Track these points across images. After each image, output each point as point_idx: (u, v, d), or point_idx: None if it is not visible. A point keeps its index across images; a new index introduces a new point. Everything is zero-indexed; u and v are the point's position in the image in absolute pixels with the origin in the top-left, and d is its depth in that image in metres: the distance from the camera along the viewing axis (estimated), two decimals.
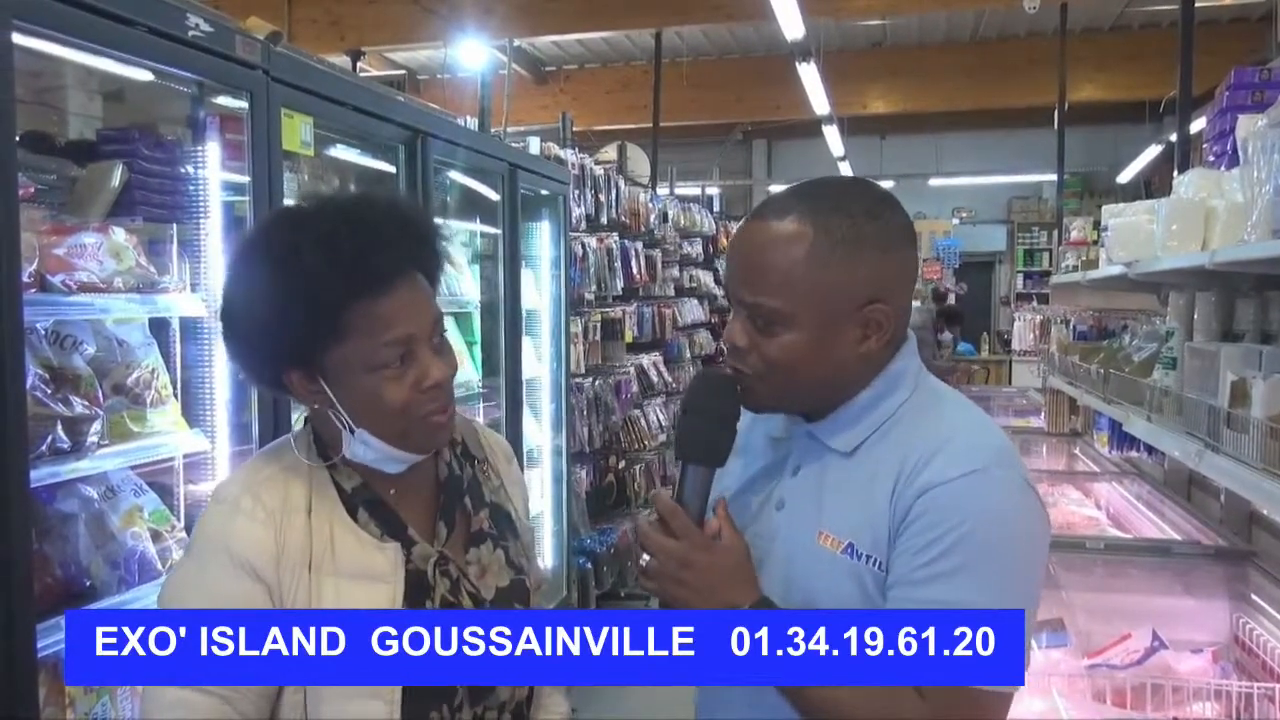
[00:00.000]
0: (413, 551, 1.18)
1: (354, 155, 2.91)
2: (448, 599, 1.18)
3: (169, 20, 1.84)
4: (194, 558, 1.15)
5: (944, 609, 1.02)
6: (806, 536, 1.15)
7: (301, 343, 1.11)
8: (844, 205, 1.13)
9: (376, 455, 1.17)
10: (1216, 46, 6.85)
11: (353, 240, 1.10)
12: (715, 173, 13.46)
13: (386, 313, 1.11)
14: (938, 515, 1.06)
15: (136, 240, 1.93)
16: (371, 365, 1.12)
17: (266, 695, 1.11)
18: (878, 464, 1.13)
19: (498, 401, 3.62)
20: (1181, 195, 2.41)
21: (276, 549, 1.12)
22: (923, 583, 1.06)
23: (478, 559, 1.24)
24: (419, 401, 1.14)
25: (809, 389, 1.16)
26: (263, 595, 1.11)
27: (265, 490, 1.15)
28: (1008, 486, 1.10)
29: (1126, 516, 3.18)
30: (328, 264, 1.08)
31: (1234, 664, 2.18)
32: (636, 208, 5.73)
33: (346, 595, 1.12)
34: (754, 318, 1.13)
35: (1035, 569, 1.12)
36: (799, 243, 1.10)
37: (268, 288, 1.10)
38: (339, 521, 1.16)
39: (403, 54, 9.74)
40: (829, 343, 1.12)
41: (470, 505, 1.28)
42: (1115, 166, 11.70)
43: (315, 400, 1.17)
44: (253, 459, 1.26)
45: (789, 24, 6.01)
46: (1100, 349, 3.59)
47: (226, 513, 1.14)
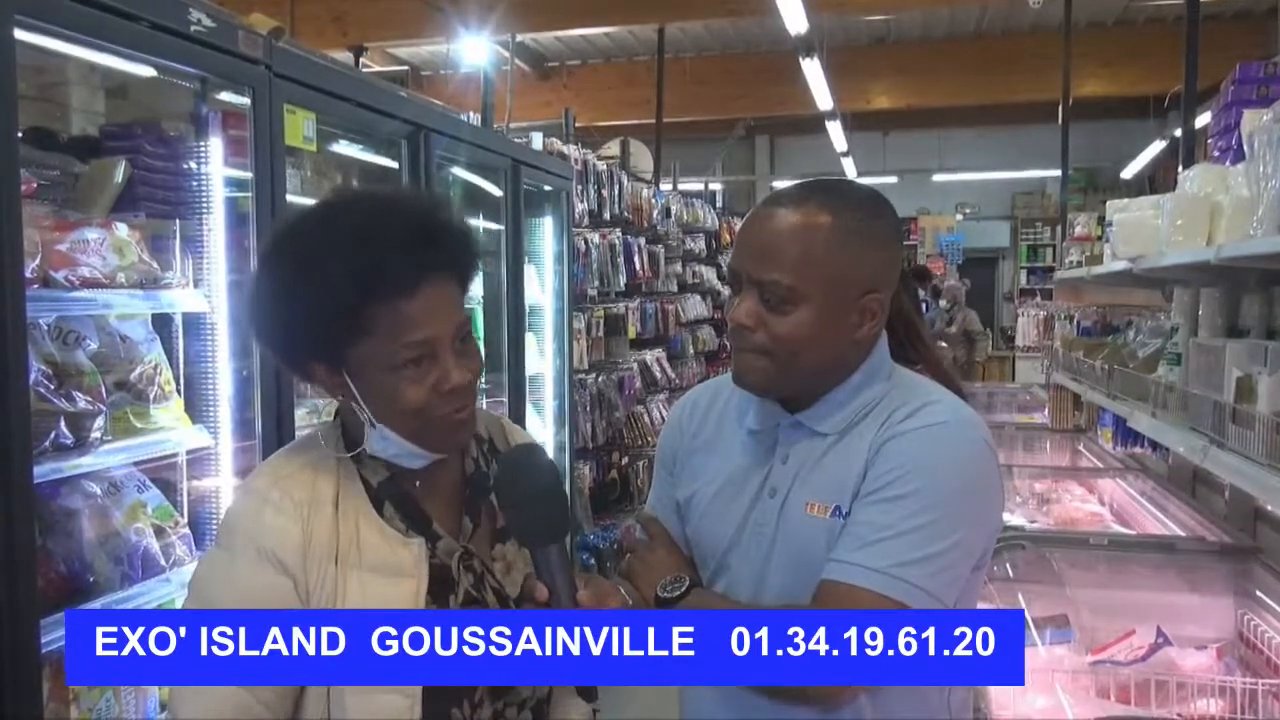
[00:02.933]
0: (437, 546, 1.19)
1: (357, 151, 2.91)
2: (471, 594, 1.19)
3: (172, 15, 1.84)
4: (223, 549, 1.16)
5: (873, 530, 1.11)
6: (799, 512, 1.20)
7: (325, 337, 1.12)
8: (855, 202, 1.22)
9: (397, 450, 1.18)
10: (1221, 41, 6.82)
11: (382, 239, 1.10)
12: (718, 168, 13.44)
13: (409, 314, 1.11)
14: (892, 459, 1.16)
15: (139, 236, 1.93)
16: (391, 365, 1.12)
17: (291, 694, 1.12)
18: (860, 438, 1.21)
19: (501, 397, 3.62)
20: (1186, 190, 2.40)
21: (303, 542, 1.12)
22: (862, 509, 1.15)
23: (503, 555, 1.25)
24: (437, 403, 1.14)
25: (807, 370, 1.21)
26: (288, 588, 1.11)
27: (293, 483, 1.16)
28: (961, 439, 1.18)
29: (1130, 513, 3.18)
30: (354, 261, 1.09)
31: (1238, 661, 2.17)
32: (639, 203, 5.72)
33: (371, 589, 1.13)
34: (766, 296, 1.18)
35: (974, 513, 1.17)
36: (817, 228, 1.18)
37: (295, 280, 1.11)
38: (365, 515, 1.17)
39: (405, 50, 9.73)
40: (832, 326, 1.19)
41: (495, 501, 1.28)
42: (1119, 162, 11.67)
43: (338, 393, 1.18)
44: (281, 451, 1.26)
45: (792, 19, 5.99)
46: (1104, 345, 3.58)
47: (255, 505, 1.15)
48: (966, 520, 1.15)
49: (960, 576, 1.15)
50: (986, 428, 1.23)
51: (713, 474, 1.30)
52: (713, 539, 1.28)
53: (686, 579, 1.24)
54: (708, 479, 1.30)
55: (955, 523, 1.13)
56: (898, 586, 1.09)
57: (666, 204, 6.43)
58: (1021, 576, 2.42)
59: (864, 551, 1.11)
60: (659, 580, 1.24)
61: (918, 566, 1.10)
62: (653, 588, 1.24)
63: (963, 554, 1.14)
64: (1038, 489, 3.45)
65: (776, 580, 1.21)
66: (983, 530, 1.19)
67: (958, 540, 1.13)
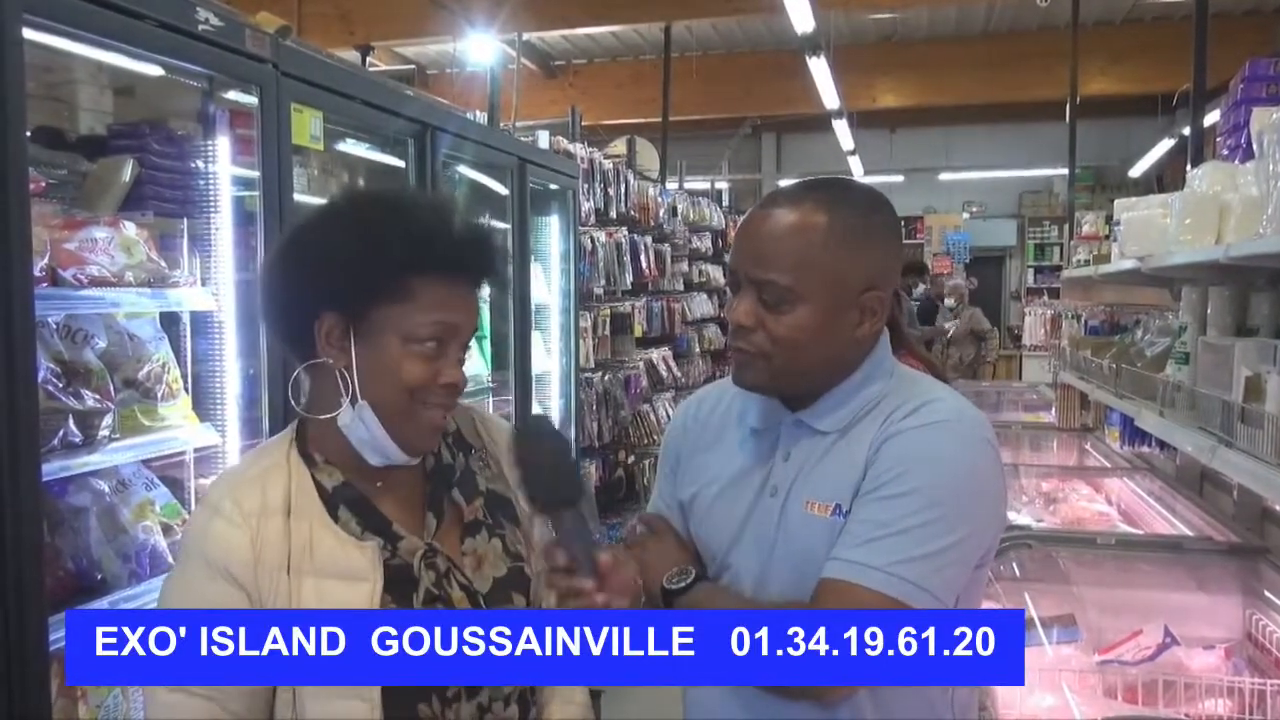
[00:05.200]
0: (399, 546, 1.18)
1: (363, 150, 2.91)
2: (433, 592, 1.17)
3: (179, 14, 1.84)
4: (179, 561, 1.18)
5: (874, 528, 1.11)
6: (799, 511, 1.20)
7: (362, 285, 1.13)
8: (853, 200, 1.22)
9: (364, 435, 1.16)
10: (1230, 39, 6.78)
11: (455, 227, 1.16)
12: (724, 167, 13.43)
13: (447, 298, 1.15)
14: (893, 456, 1.16)
15: (147, 235, 1.93)
16: (410, 336, 1.14)
17: (260, 695, 1.12)
18: (861, 436, 1.20)
19: (507, 396, 3.63)
20: (1195, 189, 2.39)
21: (253, 553, 1.12)
22: (863, 507, 1.15)
23: (473, 549, 1.23)
24: (429, 392, 1.16)
25: (807, 369, 1.21)
26: (240, 599, 1.11)
27: (244, 493, 1.15)
28: (963, 437, 1.18)
29: (1138, 512, 3.17)
30: (432, 232, 1.14)
31: (1247, 661, 2.16)
32: (645, 202, 5.72)
33: (327, 594, 1.12)
34: (764, 296, 1.19)
35: (976, 511, 1.16)
36: (814, 228, 1.18)
37: (372, 221, 1.14)
38: (318, 521, 1.16)
39: (412, 49, 9.74)
40: (831, 324, 1.19)
41: (461, 495, 1.26)
42: (1127, 160, 11.62)
43: (332, 354, 1.16)
44: (241, 460, 1.26)
45: (799, 17, 5.98)
46: (1112, 344, 3.57)
47: (206, 518, 1.15)
48: (968, 518, 1.14)
49: (961, 575, 1.14)
50: (989, 426, 1.22)
51: (715, 473, 1.30)
52: (715, 538, 1.28)
53: (693, 570, 1.24)
54: (710, 478, 1.29)
55: (956, 521, 1.12)
56: (897, 585, 1.09)
57: (673, 202, 6.42)
58: (1028, 576, 2.41)
59: (863, 549, 1.11)
60: (664, 572, 1.24)
61: (917, 565, 1.10)
62: (658, 579, 1.24)
63: (964, 552, 1.13)
64: (1045, 488, 3.44)
65: (778, 579, 1.21)
66: (985, 529, 1.19)
67: (959, 539, 1.12)
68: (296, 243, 1.18)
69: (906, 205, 13.21)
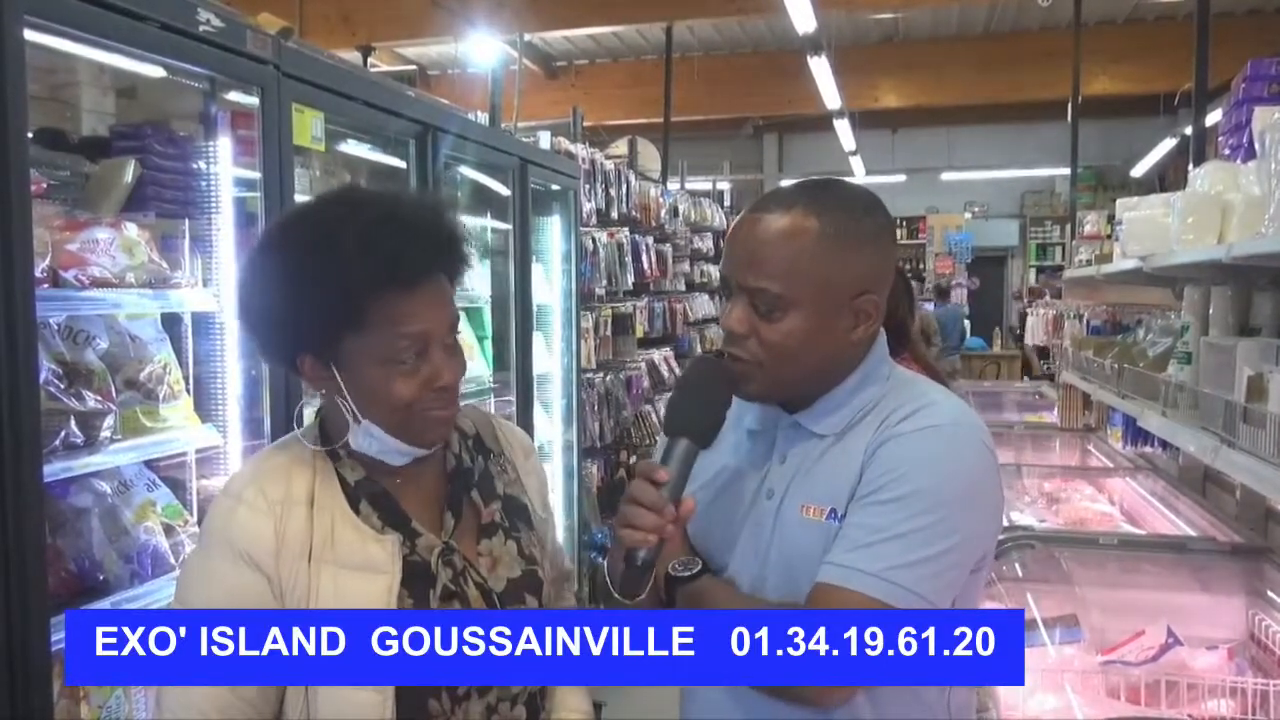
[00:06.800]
0: (417, 543, 1.20)
1: (365, 150, 2.91)
2: (450, 589, 1.19)
3: (180, 16, 1.84)
4: (201, 548, 1.19)
5: (868, 532, 1.10)
6: (795, 515, 1.19)
7: (322, 327, 1.13)
8: (843, 203, 1.20)
9: (381, 447, 1.19)
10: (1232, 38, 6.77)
11: (388, 234, 1.12)
12: (726, 167, 13.43)
13: (408, 309, 1.14)
14: (889, 461, 1.14)
15: (149, 236, 1.93)
16: (385, 358, 1.14)
17: (274, 693, 1.14)
18: (858, 439, 1.19)
19: (509, 396, 3.62)
20: (1197, 188, 2.39)
21: (276, 540, 1.14)
22: (858, 511, 1.14)
23: (489, 551, 1.25)
24: (425, 399, 1.16)
25: (802, 375, 1.21)
26: (263, 585, 1.13)
27: (269, 482, 1.17)
28: (959, 441, 1.16)
29: (1141, 512, 3.16)
30: (361, 254, 1.10)
31: (1249, 661, 2.16)
32: (647, 202, 5.72)
33: (344, 586, 1.14)
34: (756, 303, 1.18)
35: (972, 516, 1.15)
36: (804, 233, 1.16)
37: (297, 270, 1.12)
38: (340, 513, 1.18)
39: (413, 49, 9.74)
40: (825, 330, 1.18)
41: (480, 497, 1.28)
42: (1129, 160, 11.62)
43: (324, 386, 1.19)
44: (262, 451, 1.29)
45: (800, 18, 5.98)
46: (1114, 344, 3.57)
47: (230, 505, 1.17)
48: (964, 523, 1.13)
49: (956, 580, 1.13)
50: (986, 430, 1.21)
51: (712, 475, 1.29)
52: (712, 540, 1.28)
53: (699, 561, 1.24)
54: (707, 480, 1.29)
55: (952, 526, 1.11)
56: (890, 590, 1.08)
57: (674, 203, 6.43)
58: (1031, 576, 2.41)
59: (858, 554, 1.10)
60: (670, 560, 1.23)
61: (911, 570, 1.09)
62: (664, 566, 1.23)
63: (959, 558, 1.12)
64: (1047, 488, 3.44)
65: (774, 582, 1.20)
66: (981, 533, 1.18)
67: (954, 544, 1.11)
68: (243, 303, 1.19)
69: (908, 205, 13.22)
